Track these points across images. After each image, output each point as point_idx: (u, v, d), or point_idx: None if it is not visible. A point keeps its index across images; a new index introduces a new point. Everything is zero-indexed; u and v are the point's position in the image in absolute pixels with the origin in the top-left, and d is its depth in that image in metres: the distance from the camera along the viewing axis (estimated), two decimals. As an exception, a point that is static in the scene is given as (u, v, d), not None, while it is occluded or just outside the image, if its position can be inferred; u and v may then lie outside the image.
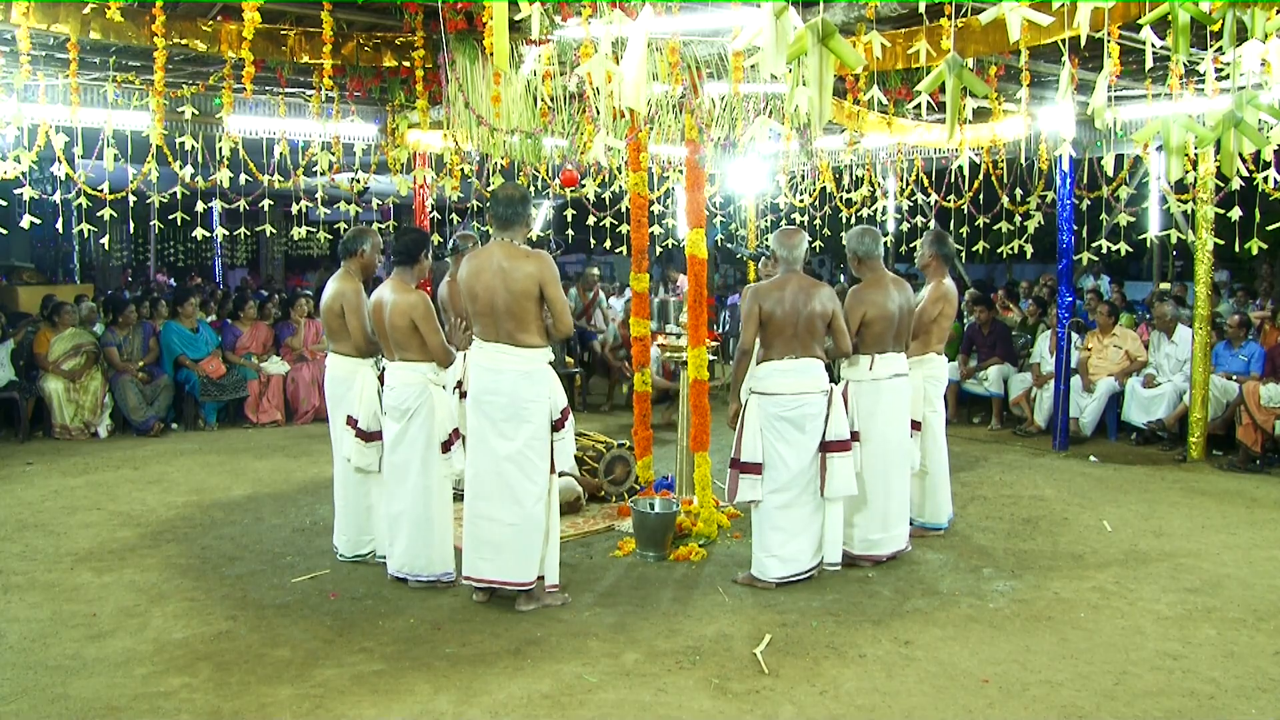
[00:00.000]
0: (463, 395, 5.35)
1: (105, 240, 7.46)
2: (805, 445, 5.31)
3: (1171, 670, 4.30)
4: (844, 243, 6.09)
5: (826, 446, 5.33)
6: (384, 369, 5.52)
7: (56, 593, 5.24)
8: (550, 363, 5.01)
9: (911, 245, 7.33)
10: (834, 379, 5.57)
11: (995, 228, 9.83)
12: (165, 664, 4.34)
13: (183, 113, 7.88)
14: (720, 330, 11.93)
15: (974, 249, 9.69)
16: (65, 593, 5.24)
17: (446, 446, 5.28)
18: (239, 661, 4.38)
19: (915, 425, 6.05)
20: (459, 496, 5.25)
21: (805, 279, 5.37)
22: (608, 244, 10.68)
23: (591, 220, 10.84)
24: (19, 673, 4.25)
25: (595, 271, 12.30)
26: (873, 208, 10.46)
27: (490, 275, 4.86)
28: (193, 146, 7.39)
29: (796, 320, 5.27)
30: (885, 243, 12.61)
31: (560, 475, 5.21)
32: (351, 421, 5.57)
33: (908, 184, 10.46)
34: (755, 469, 5.32)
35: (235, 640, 4.62)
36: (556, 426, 5.01)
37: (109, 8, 6.17)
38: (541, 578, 5.03)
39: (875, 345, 5.67)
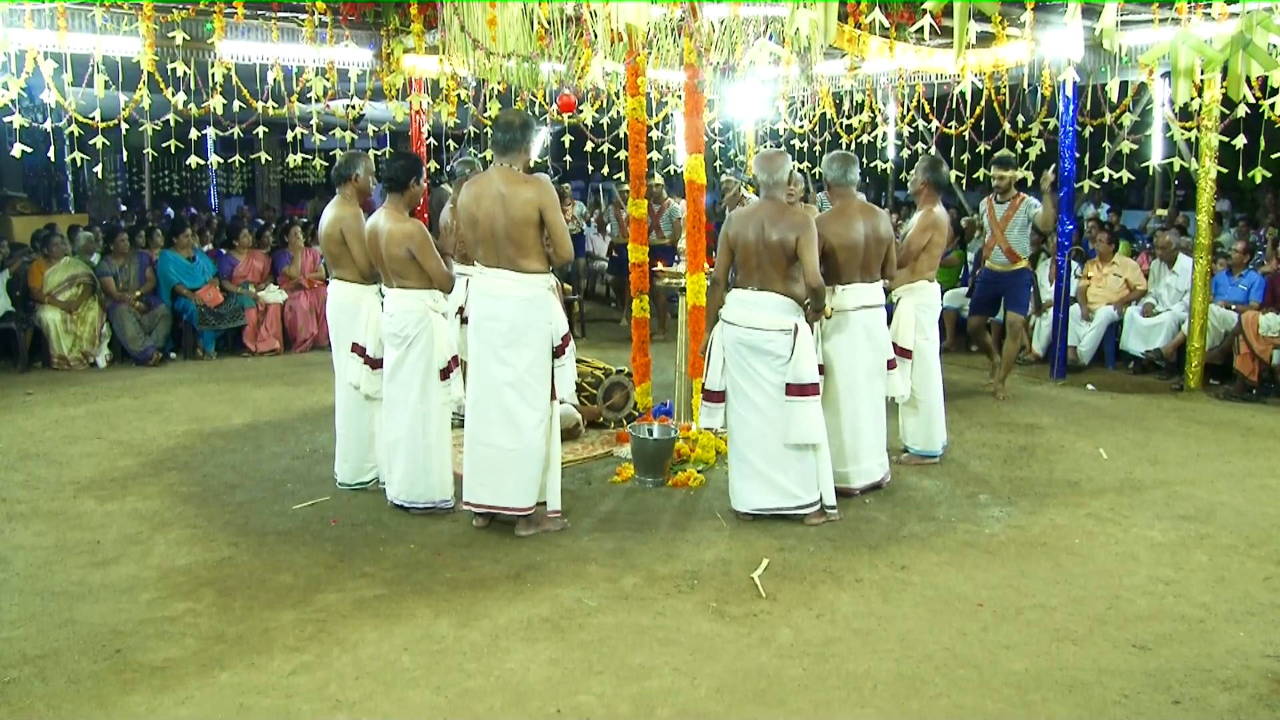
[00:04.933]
0: (464, 320, 5.33)
1: (99, 169, 7.38)
2: (769, 380, 5.09)
3: (1163, 595, 4.36)
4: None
5: (786, 389, 5.08)
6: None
7: (60, 521, 5.29)
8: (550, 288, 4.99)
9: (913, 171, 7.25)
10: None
11: (997, 155, 9.71)
12: (169, 590, 4.40)
13: (173, 38, 7.72)
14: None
15: (975, 176, 9.58)
16: (69, 521, 5.29)
17: (445, 374, 5.29)
18: (242, 587, 4.43)
19: (906, 353, 6.02)
20: (460, 424, 5.27)
21: (779, 206, 5.10)
22: (606, 170, 10.57)
23: (590, 146, 10.71)
24: (26, 599, 4.31)
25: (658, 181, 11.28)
26: (873, 134, 10.32)
27: (490, 201, 4.82)
28: (185, 73, 7.27)
29: (760, 249, 5.05)
30: (885, 169, 12.51)
31: (560, 402, 5.22)
32: (359, 349, 5.57)
33: (908, 110, 10.32)
34: (717, 397, 5.31)
35: (238, 566, 4.67)
36: (557, 353, 5.00)
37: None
38: (542, 504, 5.07)
39: (839, 276, 5.52)
